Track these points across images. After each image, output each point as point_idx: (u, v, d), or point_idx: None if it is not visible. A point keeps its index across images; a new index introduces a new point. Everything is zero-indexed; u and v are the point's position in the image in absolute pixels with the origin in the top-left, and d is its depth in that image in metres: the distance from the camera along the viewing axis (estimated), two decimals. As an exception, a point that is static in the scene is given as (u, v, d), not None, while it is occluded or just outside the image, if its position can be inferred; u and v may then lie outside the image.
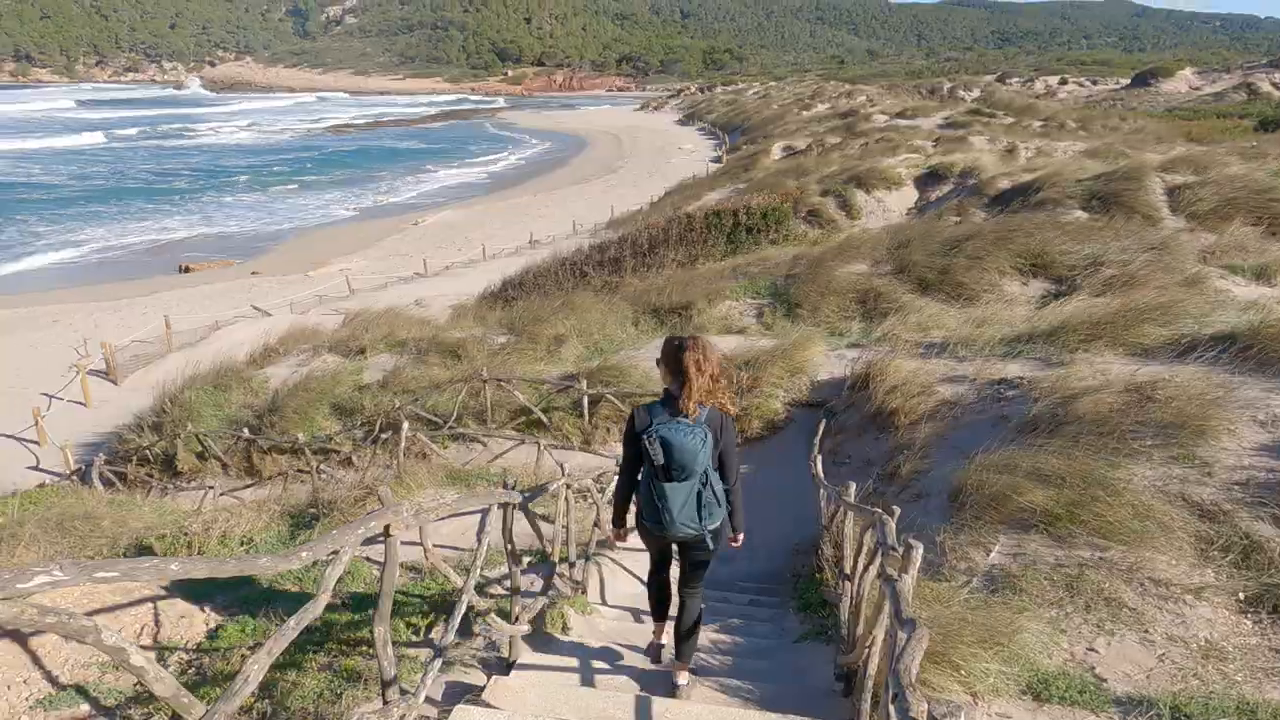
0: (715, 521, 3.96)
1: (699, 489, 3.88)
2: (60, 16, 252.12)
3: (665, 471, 3.84)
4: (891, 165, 25.90)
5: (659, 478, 3.87)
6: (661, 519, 3.91)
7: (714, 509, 3.93)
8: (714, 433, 3.87)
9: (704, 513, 3.91)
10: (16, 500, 10.04)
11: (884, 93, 77.42)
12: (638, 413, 3.99)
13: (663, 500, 3.87)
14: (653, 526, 4.02)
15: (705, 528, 3.94)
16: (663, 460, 3.81)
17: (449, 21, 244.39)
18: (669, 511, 3.88)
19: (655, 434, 3.81)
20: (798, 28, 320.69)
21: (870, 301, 12.68)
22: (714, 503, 3.92)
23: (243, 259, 34.50)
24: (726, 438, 3.94)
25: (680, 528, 3.91)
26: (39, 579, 1.58)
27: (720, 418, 3.91)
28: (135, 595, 5.53)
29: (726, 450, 3.96)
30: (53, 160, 67.54)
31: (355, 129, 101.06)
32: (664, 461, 3.81)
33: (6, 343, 22.99)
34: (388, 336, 14.71)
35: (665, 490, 3.86)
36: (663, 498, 3.87)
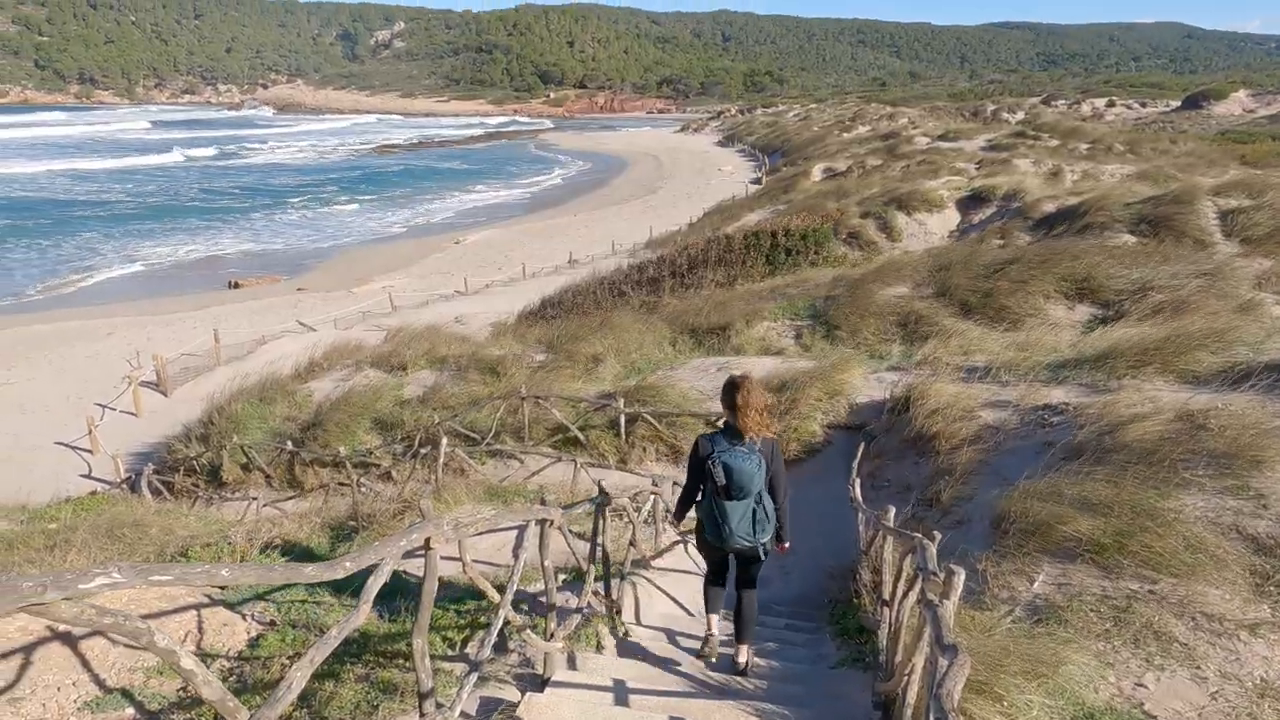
0: (766, 536, 4.57)
1: (754, 507, 4.48)
2: (123, 41, 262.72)
3: (725, 491, 4.44)
4: (933, 187, 25.68)
5: (720, 496, 4.47)
6: (721, 532, 4.51)
7: (765, 525, 4.54)
8: (766, 459, 4.49)
9: (757, 528, 4.51)
10: (70, 506, 10.35)
11: (926, 115, 76.91)
12: (701, 441, 4.61)
13: (723, 516, 4.47)
14: (713, 539, 4.61)
15: (758, 541, 4.55)
16: (724, 481, 4.42)
17: (493, 45, 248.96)
18: (728, 525, 4.47)
19: (718, 459, 4.43)
20: (839, 50, 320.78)
21: (911, 324, 12.55)
22: (765, 519, 4.53)
23: (290, 275, 35.32)
24: (776, 463, 4.57)
25: (737, 540, 4.52)
26: (99, 580, 1.64)
27: (772, 446, 4.57)
28: (180, 602, 5.65)
29: (776, 473, 4.57)
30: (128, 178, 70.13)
31: (400, 149, 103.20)
32: (725, 482, 4.42)
33: (67, 354, 23.79)
34: (429, 353, 14.91)
35: (725, 508, 4.46)
36: (723, 514, 4.47)
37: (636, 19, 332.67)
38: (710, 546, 4.75)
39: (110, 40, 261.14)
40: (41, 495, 13.24)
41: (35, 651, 4.78)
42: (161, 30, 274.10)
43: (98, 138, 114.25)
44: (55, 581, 1.58)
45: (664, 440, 10.08)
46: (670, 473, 9.56)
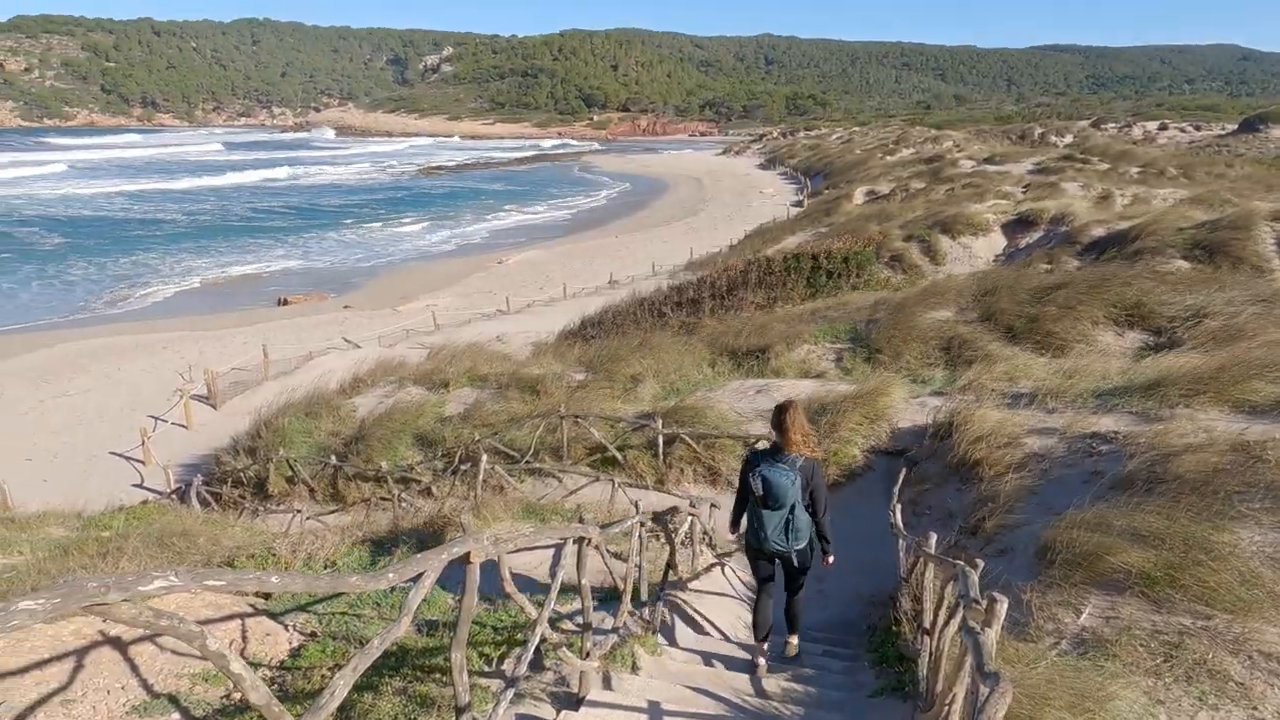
0: (800, 544, 5.19)
1: (788, 517, 5.12)
2: (184, 66, 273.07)
3: (763, 501, 5.13)
4: (978, 211, 25.38)
5: (759, 505, 5.17)
6: (759, 535, 5.23)
7: (799, 534, 5.16)
8: (804, 476, 5.08)
9: (790, 535, 5.16)
10: (122, 515, 10.64)
11: (971, 138, 76.14)
12: (750, 454, 5.32)
13: (759, 522, 5.20)
14: (753, 541, 5.33)
15: (791, 547, 5.20)
16: (761, 492, 5.10)
17: (538, 69, 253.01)
18: (764, 530, 5.19)
19: (759, 472, 5.11)
20: (882, 73, 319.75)
21: (954, 349, 12.37)
22: (799, 529, 5.15)
23: (337, 293, 36.10)
24: (816, 480, 5.15)
25: (771, 544, 5.20)
26: (158, 583, 1.70)
27: (812, 466, 5.14)
28: (226, 611, 5.78)
29: (816, 490, 5.14)
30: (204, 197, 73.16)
31: (447, 171, 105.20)
32: (762, 493, 5.11)
33: (123, 367, 24.57)
34: (470, 371, 15.08)
35: (763, 515, 5.18)
36: (760, 521, 5.19)
37: (679, 43, 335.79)
38: (752, 549, 5.42)
39: (172, 66, 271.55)
40: (96, 503, 13.64)
41: (88, 655, 4.93)
42: (221, 56, 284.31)
43: (175, 158, 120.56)
44: (117, 583, 1.65)
45: (702, 462, 10.05)
46: (708, 494, 9.53)
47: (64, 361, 25.07)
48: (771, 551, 5.23)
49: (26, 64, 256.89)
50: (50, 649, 4.93)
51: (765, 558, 5.37)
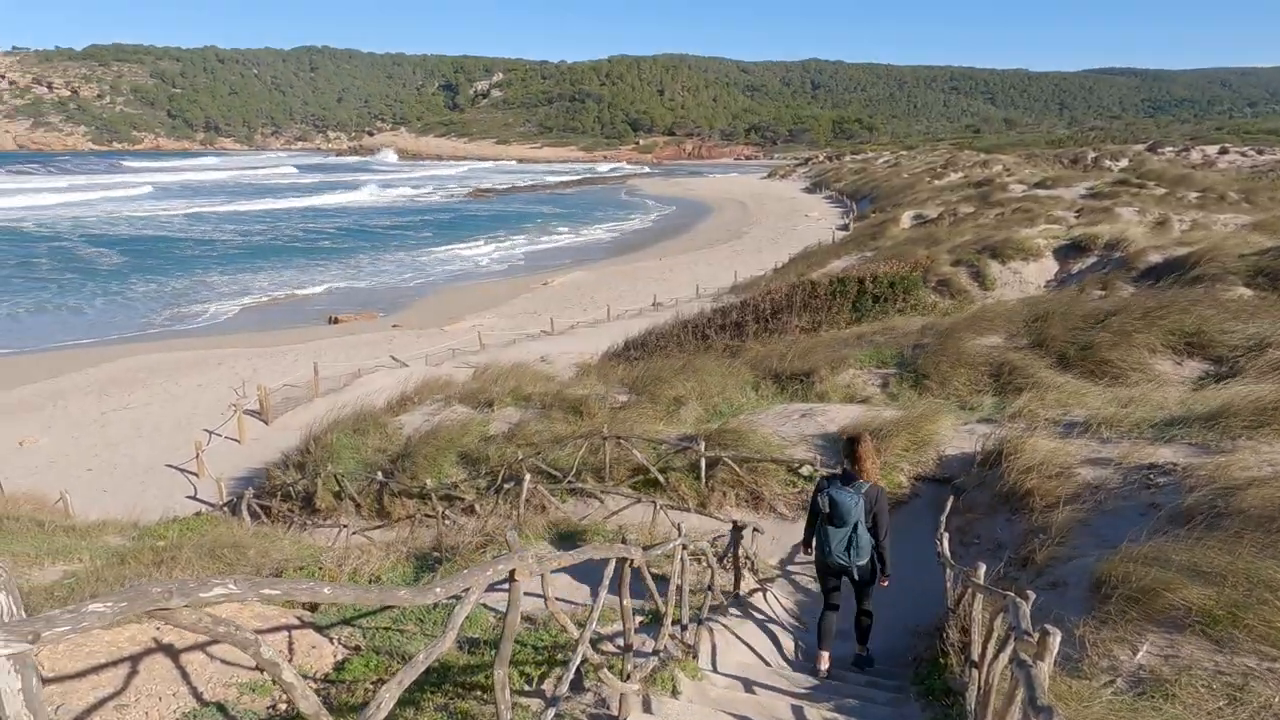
0: (861, 560, 5.89)
1: (851, 535, 5.83)
2: (245, 92, 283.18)
3: (829, 518, 5.88)
4: (1029, 236, 24.93)
5: (825, 522, 5.93)
6: (824, 550, 5.98)
7: (860, 551, 5.86)
8: (868, 500, 5.79)
9: (852, 552, 5.87)
10: (177, 526, 10.94)
11: (1022, 162, 74.96)
12: (820, 480, 6.09)
13: (826, 538, 5.95)
14: (819, 555, 6.09)
15: (853, 562, 5.90)
16: (828, 510, 5.87)
17: (586, 94, 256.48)
18: (829, 545, 5.93)
19: (826, 493, 5.89)
20: (931, 97, 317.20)
21: (1004, 375, 12.12)
22: (860, 546, 5.84)
23: (386, 313, 36.81)
24: (880, 504, 5.86)
25: (836, 558, 5.92)
26: (217, 590, 1.76)
27: (877, 491, 5.87)
28: (273, 623, 5.88)
29: (879, 513, 5.83)
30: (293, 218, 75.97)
31: (495, 194, 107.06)
32: (828, 512, 5.86)
33: (181, 381, 25.34)
34: (514, 391, 15.22)
35: (828, 531, 5.93)
36: (825, 536, 5.95)
37: (725, 68, 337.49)
38: (820, 564, 6.12)
39: (234, 92, 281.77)
40: (152, 514, 14.06)
41: (141, 661, 5.05)
42: (280, 82, 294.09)
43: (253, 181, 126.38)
44: (179, 589, 1.71)
45: (744, 486, 9.98)
46: (750, 518, 9.45)
47: (126, 375, 25.96)
48: (836, 566, 5.94)
49: (99, 90, 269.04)
50: (107, 654, 5.07)
51: (831, 572, 6.10)
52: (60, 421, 22.04)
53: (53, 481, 17.44)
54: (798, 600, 7.89)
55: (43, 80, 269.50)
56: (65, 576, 8.39)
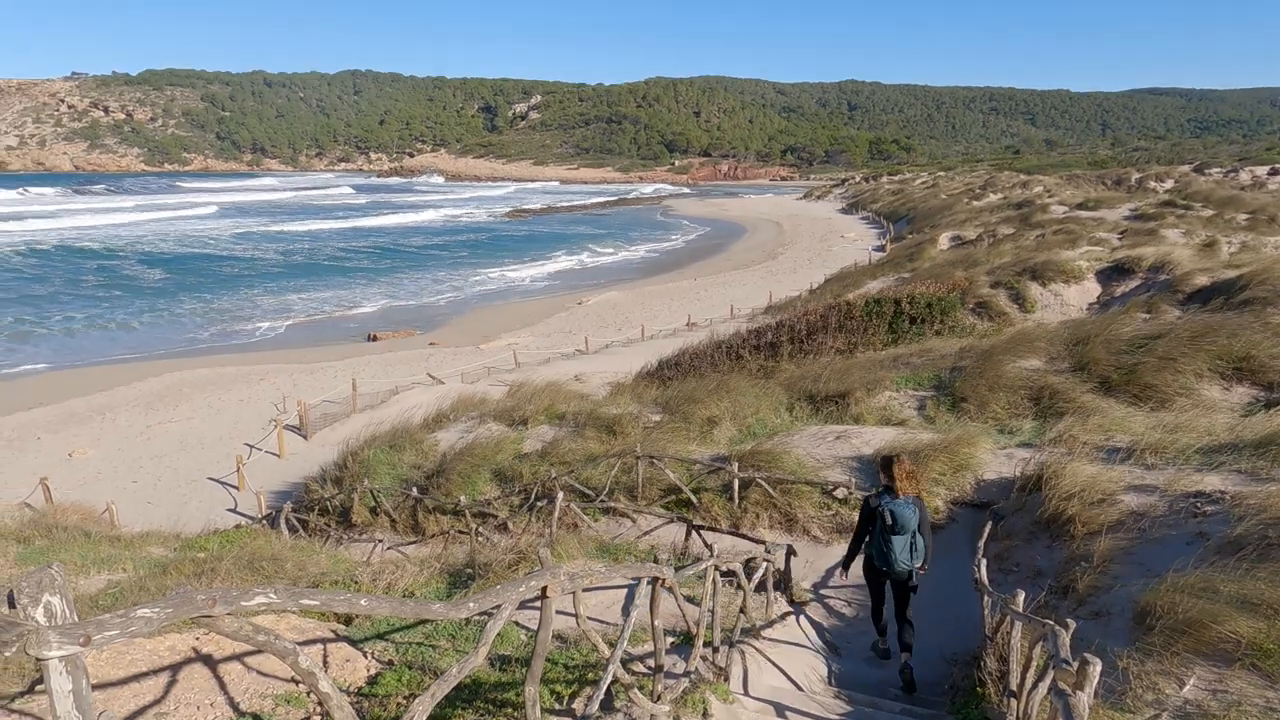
0: (918, 562, 6.54)
1: (911, 541, 6.45)
2: (291, 115, 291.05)
3: (892, 529, 6.39)
4: (1070, 258, 24.54)
5: (888, 533, 6.40)
6: (889, 559, 6.45)
7: (920, 553, 6.53)
8: (919, 509, 6.49)
9: (913, 555, 6.48)
10: (218, 538, 11.14)
11: (1063, 183, 73.92)
12: (869, 498, 6.68)
13: (889, 548, 6.43)
14: (881, 565, 6.54)
15: (913, 565, 6.50)
16: (890, 522, 6.38)
17: (623, 116, 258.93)
18: (893, 554, 6.43)
19: (885, 507, 6.42)
20: (969, 118, 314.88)
21: (1044, 399, 11.90)
22: (920, 549, 6.52)
23: (423, 330, 37.31)
24: (924, 513, 6.57)
25: (900, 564, 6.45)
26: (258, 599, 1.80)
27: (919, 500, 6.57)
28: (308, 635, 5.96)
29: (925, 519, 6.55)
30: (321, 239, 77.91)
31: (531, 214, 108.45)
32: (891, 523, 6.38)
33: (223, 396, 25.90)
34: (548, 409, 15.31)
35: (892, 541, 6.42)
36: (889, 546, 6.43)
37: (762, 89, 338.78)
38: (878, 572, 6.66)
39: (281, 114, 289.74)
40: (193, 526, 14.34)
41: (181, 670, 5.15)
42: (325, 105, 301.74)
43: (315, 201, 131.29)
44: (223, 597, 1.76)
45: (778, 507, 9.91)
46: (784, 541, 9.36)
47: (172, 390, 26.60)
48: (901, 570, 6.48)
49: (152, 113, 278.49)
50: (148, 663, 5.18)
51: (888, 579, 6.69)
52: (108, 434, 22.62)
53: (100, 492, 17.90)
54: (831, 625, 7.79)
55: (100, 104, 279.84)
56: (110, 586, 8.58)
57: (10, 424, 23.55)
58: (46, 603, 1.51)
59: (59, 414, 24.39)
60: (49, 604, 1.51)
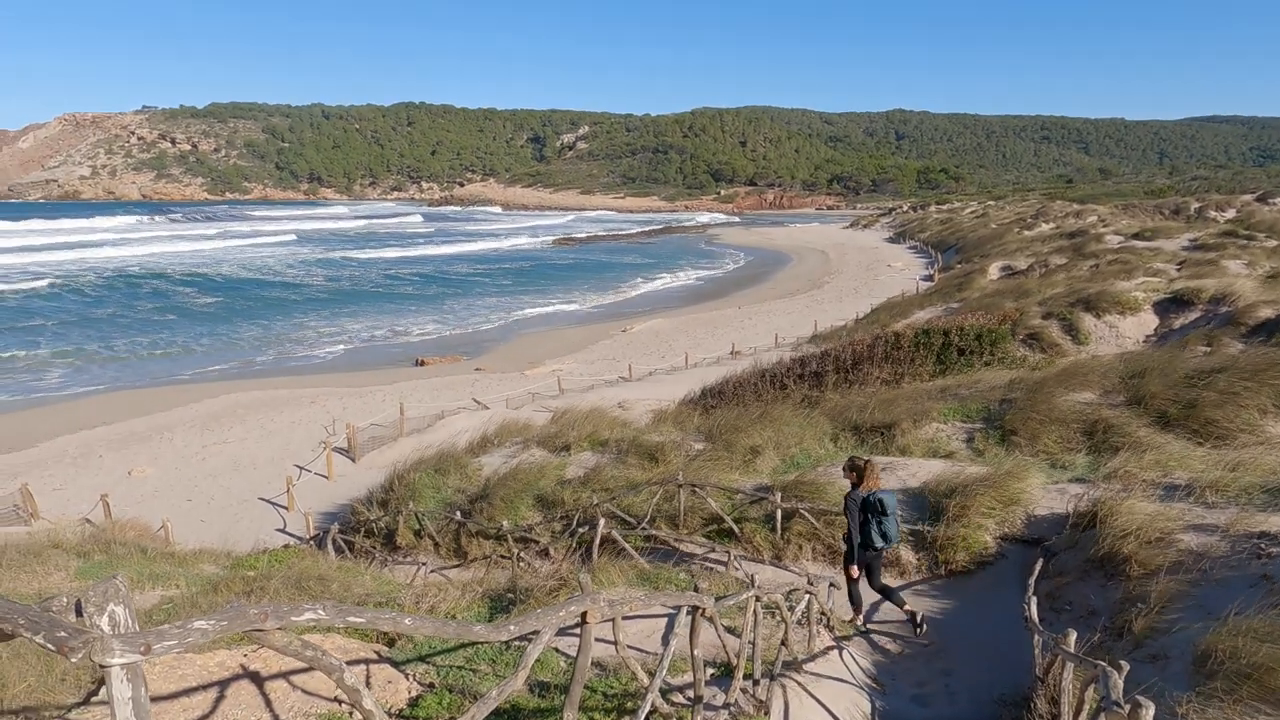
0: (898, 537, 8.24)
1: (895, 519, 7.93)
2: (347, 145, 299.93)
3: (883, 512, 7.81)
4: (1126, 289, 23.95)
5: (883, 515, 7.81)
6: (886, 537, 7.90)
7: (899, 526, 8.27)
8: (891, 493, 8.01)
9: (896, 529, 8.00)
10: (267, 557, 11.37)
11: (1118, 212, 72.32)
12: (852, 494, 7.97)
13: (885, 528, 7.85)
14: (878, 543, 7.91)
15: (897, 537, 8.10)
16: (885, 507, 7.80)
17: (669, 145, 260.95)
18: (889, 531, 7.89)
19: (875, 496, 7.84)
20: (1020, 147, 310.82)
21: (1098, 433, 11.57)
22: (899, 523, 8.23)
23: (469, 356, 37.84)
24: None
25: (894, 539, 7.99)
26: (308, 614, 1.86)
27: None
28: (351, 655, 6.04)
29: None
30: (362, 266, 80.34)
31: (579, 242, 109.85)
32: (883, 508, 7.80)
33: (277, 419, 26.53)
34: (591, 435, 15.37)
35: (885, 522, 7.83)
36: (883, 526, 7.84)
37: (808, 119, 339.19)
38: (874, 552, 8.03)
39: (337, 145, 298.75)
40: (244, 544, 14.67)
41: (229, 686, 5.26)
42: (379, 136, 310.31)
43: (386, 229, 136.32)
44: (274, 611, 1.82)
45: (821, 539, 9.78)
46: (827, 574, 9.23)
47: (227, 411, 27.35)
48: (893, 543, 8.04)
49: (216, 144, 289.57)
50: (198, 678, 5.30)
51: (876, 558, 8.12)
52: (166, 453, 23.32)
53: (156, 510, 18.43)
54: (875, 660, 7.63)
55: (167, 136, 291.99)
56: (163, 601, 8.81)
57: (75, 442, 24.44)
58: (111, 612, 1.58)
59: (121, 433, 25.24)
60: (113, 613, 1.59)
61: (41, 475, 21.36)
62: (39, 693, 5.43)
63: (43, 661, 5.67)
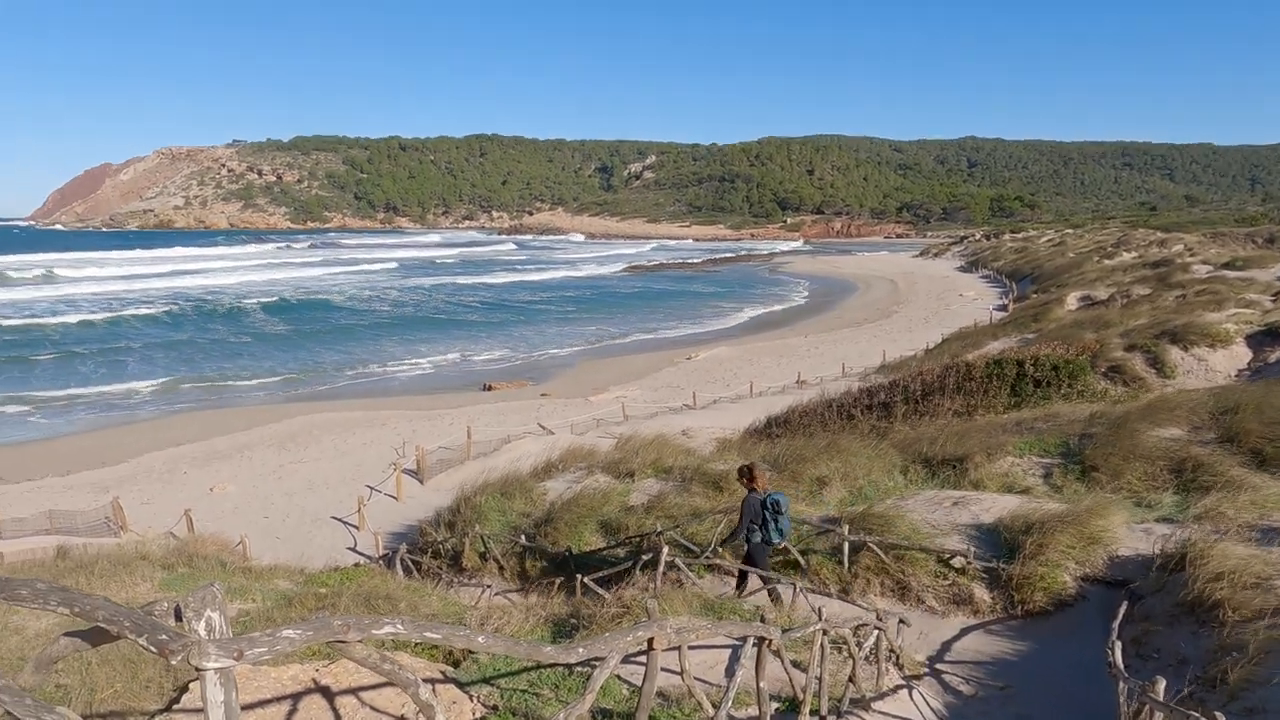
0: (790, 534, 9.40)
1: (788, 519, 8.99)
2: (422, 176, 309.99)
3: (778, 512, 8.82)
4: (1216, 320, 22.87)
5: (779, 515, 8.84)
6: (781, 533, 8.94)
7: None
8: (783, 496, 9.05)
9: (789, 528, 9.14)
10: (338, 575, 11.65)
11: (1206, 241, 69.36)
12: (750, 498, 9.00)
13: (780, 525, 8.88)
14: (775, 540, 9.00)
15: (789, 535, 9.31)
16: (781, 507, 8.83)
17: (735, 174, 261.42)
18: (785, 529, 8.95)
19: (772, 498, 8.88)
20: (1100, 174, 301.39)
21: (1187, 471, 11.02)
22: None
23: (535, 381, 38.35)
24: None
25: (787, 535, 9.14)
26: (387, 628, 1.92)
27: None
28: (420, 673, 6.11)
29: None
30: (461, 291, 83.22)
31: (646, 270, 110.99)
32: (778, 509, 8.82)
33: (350, 440, 27.33)
34: (655, 462, 15.36)
35: (781, 520, 8.85)
36: (779, 524, 8.88)
37: (877, 146, 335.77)
38: (771, 549, 9.20)
39: (412, 176, 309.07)
40: (317, 562, 15.08)
41: (301, 700, 5.40)
42: (453, 167, 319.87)
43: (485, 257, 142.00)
44: (356, 624, 1.88)
45: (890, 574, 9.53)
46: (896, 609, 8.99)
47: (303, 431, 28.29)
48: (786, 539, 9.21)
49: (299, 176, 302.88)
50: (272, 690, 5.46)
51: (770, 548, 9.17)
52: (245, 471, 24.22)
53: (235, 525, 19.11)
54: (946, 702, 7.37)
55: (255, 168, 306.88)
56: (240, 615, 9.10)
57: (162, 458, 25.61)
58: (208, 618, 1.67)
59: (205, 450, 26.35)
60: (210, 619, 1.67)
61: (131, 489, 22.42)
62: (125, 698, 5.67)
63: (129, 668, 5.93)
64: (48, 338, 51.60)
